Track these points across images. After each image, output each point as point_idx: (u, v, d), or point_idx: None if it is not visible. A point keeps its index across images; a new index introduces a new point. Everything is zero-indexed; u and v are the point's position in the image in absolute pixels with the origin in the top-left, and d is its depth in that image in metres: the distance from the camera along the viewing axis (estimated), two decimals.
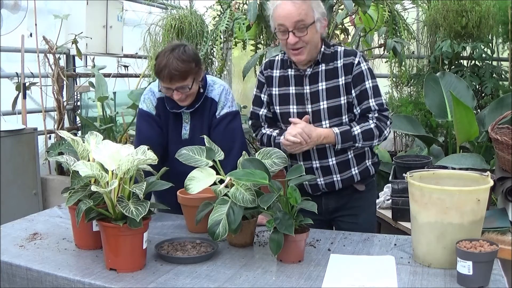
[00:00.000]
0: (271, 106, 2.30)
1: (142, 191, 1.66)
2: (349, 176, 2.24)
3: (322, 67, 2.18)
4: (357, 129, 2.14)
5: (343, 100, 2.17)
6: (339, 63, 2.17)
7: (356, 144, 2.15)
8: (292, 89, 2.23)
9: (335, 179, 2.23)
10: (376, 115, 2.16)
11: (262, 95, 2.31)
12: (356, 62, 2.16)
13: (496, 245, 1.59)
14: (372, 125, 2.15)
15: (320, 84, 2.18)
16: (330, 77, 2.17)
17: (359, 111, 2.18)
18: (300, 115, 2.19)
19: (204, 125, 2.31)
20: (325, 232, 2.07)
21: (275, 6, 2.10)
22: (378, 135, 2.16)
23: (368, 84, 2.17)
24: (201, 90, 2.28)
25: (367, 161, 2.28)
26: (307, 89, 2.19)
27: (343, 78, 2.16)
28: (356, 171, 2.25)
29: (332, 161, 2.21)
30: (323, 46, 2.19)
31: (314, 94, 2.18)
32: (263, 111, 2.31)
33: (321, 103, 2.17)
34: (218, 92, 2.31)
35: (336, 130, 2.13)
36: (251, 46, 4.12)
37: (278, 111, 2.27)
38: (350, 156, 2.22)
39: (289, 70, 2.23)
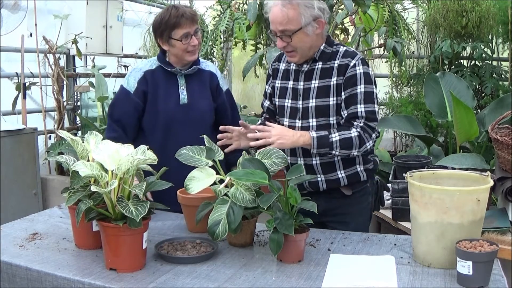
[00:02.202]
0: (273, 98, 2.33)
1: (142, 191, 1.66)
2: (334, 179, 2.19)
3: (319, 65, 2.17)
4: (335, 136, 2.05)
5: (332, 100, 2.13)
6: (336, 63, 2.14)
7: (333, 152, 2.06)
8: (290, 83, 2.23)
9: (319, 179, 2.19)
10: (362, 124, 2.07)
11: (267, 87, 2.37)
12: (351, 64, 2.10)
13: (496, 245, 1.59)
14: (354, 134, 2.05)
15: (313, 81, 2.16)
16: (323, 76, 2.15)
17: (345, 115, 2.11)
18: (293, 110, 2.20)
19: (205, 92, 2.48)
20: (325, 232, 2.07)
21: (267, 8, 2.12)
22: (358, 145, 2.06)
23: (360, 88, 2.08)
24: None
25: (357, 166, 2.20)
26: (301, 85, 2.19)
27: (335, 78, 2.12)
28: (343, 175, 2.18)
29: (315, 160, 2.17)
30: (324, 44, 2.17)
31: (306, 90, 2.17)
32: (266, 103, 2.39)
33: (311, 100, 2.15)
34: (214, 68, 2.56)
35: (313, 133, 2.06)
36: (251, 46, 4.13)
37: (277, 103, 2.29)
38: (335, 159, 2.16)
39: (292, 64, 2.24)
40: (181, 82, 2.43)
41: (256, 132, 2.05)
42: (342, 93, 2.12)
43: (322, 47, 2.16)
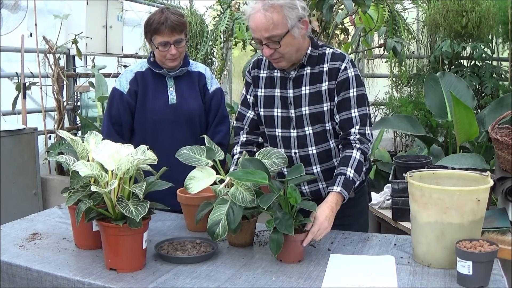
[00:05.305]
0: (256, 108, 2.19)
1: (142, 191, 1.65)
2: None
3: (307, 70, 2.04)
4: (350, 171, 1.93)
5: (326, 106, 2.04)
6: (325, 67, 2.02)
7: (356, 184, 1.97)
8: (277, 92, 2.10)
9: (320, 186, 2.13)
10: (358, 136, 1.99)
11: (248, 96, 2.20)
12: (342, 67, 2.00)
13: (496, 245, 1.60)
14: (357, 155, 1.96)
15: (303, 88, 2.05)
16: (313, 82, 2.05)
17: (338, 120, 2.02)
18: (284, 119, 2.09)
19: (194, 93, 2.48)
20: None
21: (247, 16, 1.97)
22: (364, 159, 2.00)
23: (353, 92, 2.01)
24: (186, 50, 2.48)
25: None
26: (290, 92, 2.07)
27: (327, 83, 2.02)
28: None
29: (316, 168, 2.10)
30: (309, 48, 2.04)
31: (297, 98, 2.06)
32: (250, 113, 2.20)
33: (303, 108, 2.05)
34: (203, 69, 2.56)
35: (337, 188, 1.89)
36: (251, 46, 4.12)
37: (262, 113, 2.14)
38: (336, 164, 2.09)
39: (275, 71, 2.10)
40: (170, 84, 2.44)
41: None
42: (335, 98, 2.03)
43: (308, 51, 2.04)
